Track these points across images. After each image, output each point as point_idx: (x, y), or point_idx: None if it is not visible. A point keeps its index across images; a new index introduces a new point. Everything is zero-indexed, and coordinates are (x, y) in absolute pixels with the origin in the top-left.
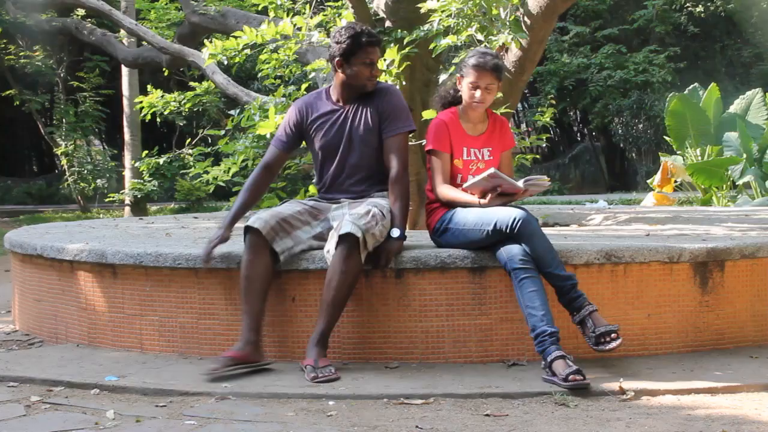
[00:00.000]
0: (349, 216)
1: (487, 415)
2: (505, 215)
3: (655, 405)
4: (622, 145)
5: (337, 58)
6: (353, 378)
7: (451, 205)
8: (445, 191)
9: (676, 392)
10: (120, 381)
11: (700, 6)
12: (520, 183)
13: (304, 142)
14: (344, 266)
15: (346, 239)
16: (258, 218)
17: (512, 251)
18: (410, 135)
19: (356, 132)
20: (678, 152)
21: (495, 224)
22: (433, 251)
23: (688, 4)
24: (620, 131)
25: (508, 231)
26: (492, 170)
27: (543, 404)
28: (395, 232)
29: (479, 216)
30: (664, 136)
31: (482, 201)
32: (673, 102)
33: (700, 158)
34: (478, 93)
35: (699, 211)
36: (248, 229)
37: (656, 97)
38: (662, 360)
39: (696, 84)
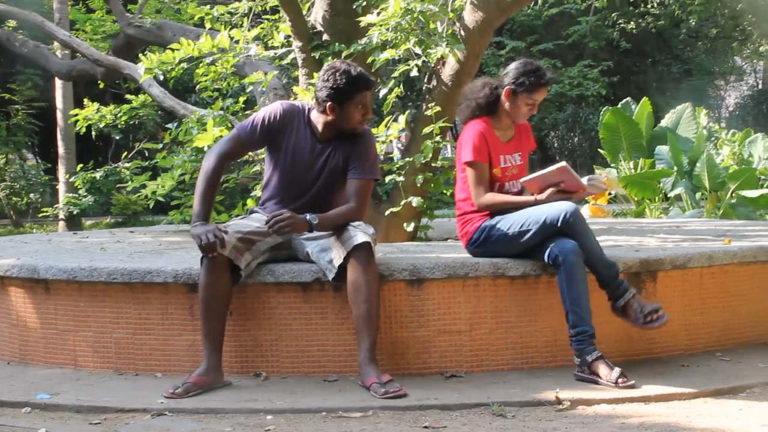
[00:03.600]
0: (354, 227)
1: (425, 427)
2: (554, 210)
3: (590, 414)
4: (558, 158)
5: (329, 103)
6: (291, 392)
7: (492, 213)
8: (491, 198)
9: (610, 401)
10: (52, 399)
11: (632, 23)
12: (584, 180)
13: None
14: (368, 275)
15: (362, 248)
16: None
17: (566, 245)
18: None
19: (325, 171)
20: (612, 165)
21: (545, 220)
22: None
23: (620, 21)
24: (556, 144)
25: (559, 225)
26: (563, 164)
27: (481, 415)
28: (315, 218)
29: (525, 217)
30: (599, 149)
31: (540, 197)
32: (606, 115)
33: (633, 171)
34: (531, 108)
35: (632, 223)
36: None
37: (591, 111)
38: None
39: (629, 98)
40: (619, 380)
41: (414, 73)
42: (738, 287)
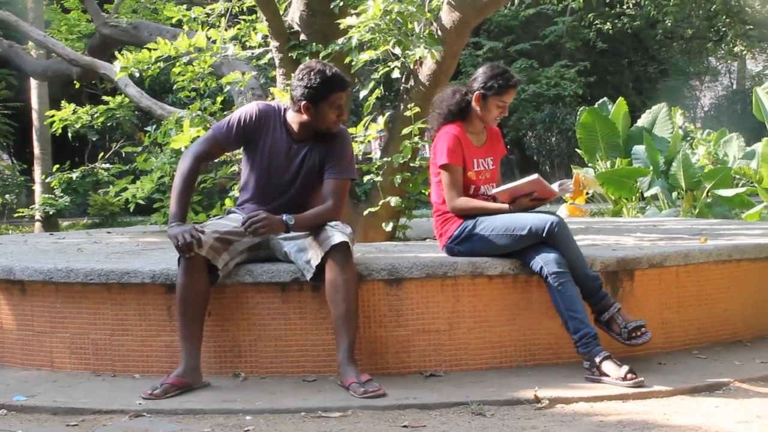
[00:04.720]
0: (331, 227)
1: (404, 426)
2: (540, 220)
3: (568, 412)
4: (535, 158)
5: (303, 102)
6: (270, 392)
7: (465, 217)
8: (465, 202)
9: (588, 399)
10: (29, 400)
11: (608, 23)
12: (555, 187)
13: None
14: (346, 274)
15: (340, 248)
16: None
17: (549, 257)
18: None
19: (302, 172)
20: (589, 164)
21: (530, 229)
22: None
23: (596, 21)
24: (534, 144)
25: (544, 235)
26: (536, 176)
27: (460, 414)
28: (291, 219)
29: (510, 221)
30: (576, 149)
31: (512, 206)
32: (584, 115)
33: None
34: (502, 110)
35: (610, 222)
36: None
37: (568, 111)
38: (575, 368)
39: (605, 98)
40: (628, 376)
41: (395, 74)
42: (714, 285)
